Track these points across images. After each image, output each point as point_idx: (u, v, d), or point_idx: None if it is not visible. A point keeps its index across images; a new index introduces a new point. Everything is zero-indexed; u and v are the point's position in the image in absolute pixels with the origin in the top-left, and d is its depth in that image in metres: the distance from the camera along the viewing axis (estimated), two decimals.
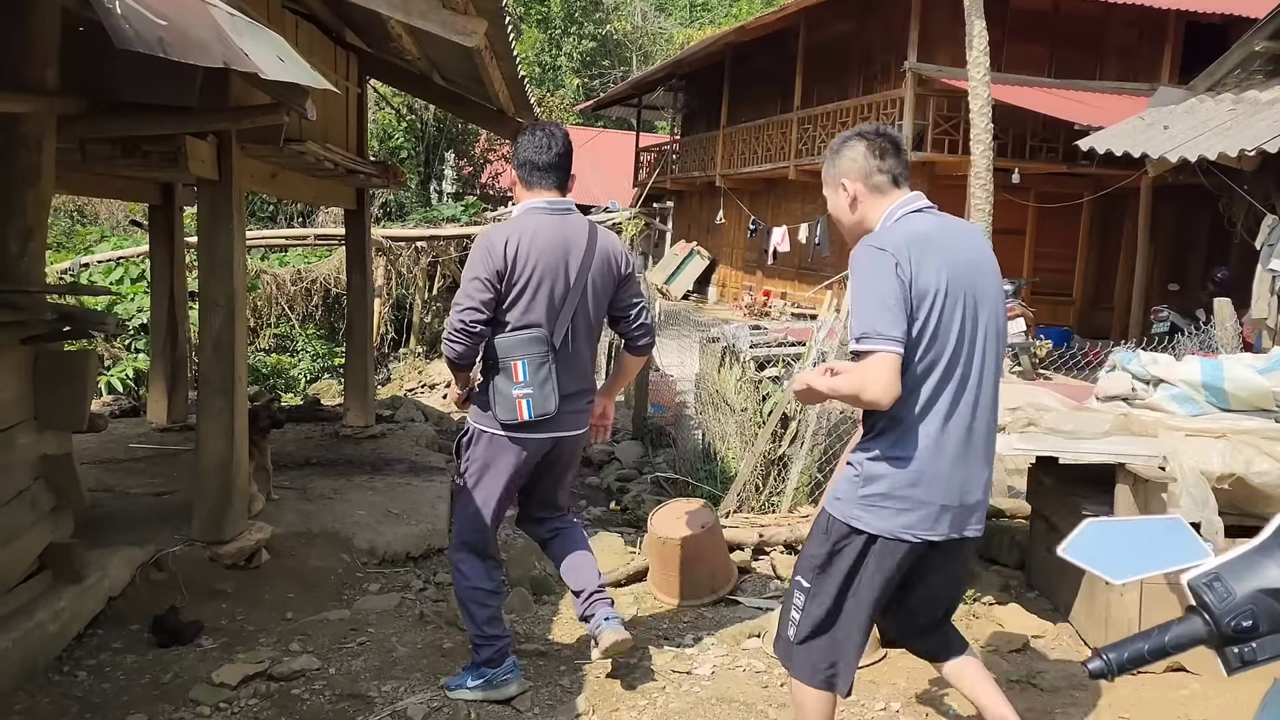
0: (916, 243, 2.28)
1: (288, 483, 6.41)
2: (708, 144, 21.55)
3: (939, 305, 2.24)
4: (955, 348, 2.28)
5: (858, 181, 2.42)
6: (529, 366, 2.96)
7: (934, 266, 2.25)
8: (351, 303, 8.07)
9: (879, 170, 2.41)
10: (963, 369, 2.29)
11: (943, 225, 2.40)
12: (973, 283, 2.32)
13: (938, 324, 2.24)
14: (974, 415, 2.32)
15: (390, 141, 17.53)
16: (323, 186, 6.85)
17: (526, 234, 2.98)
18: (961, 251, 2.33)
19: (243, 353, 5.01)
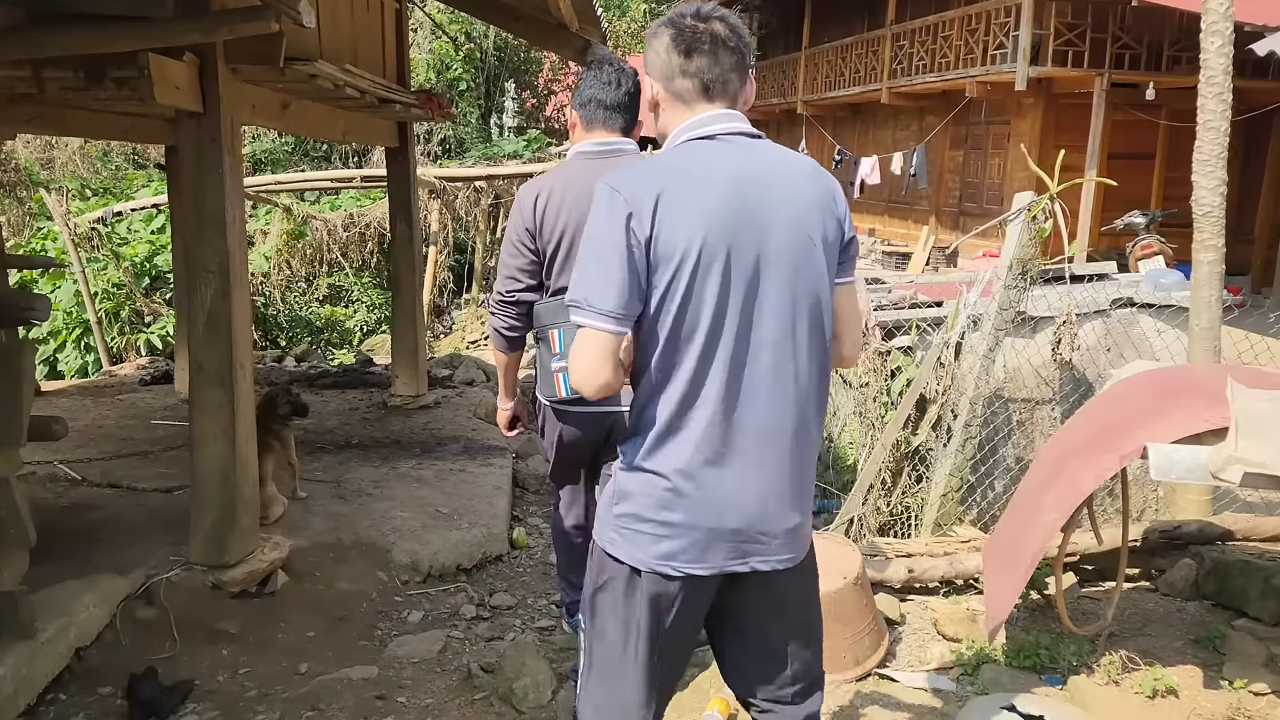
0: (673, 184, 1.70)
1: (321, 473, 5.47)
2: (787, 67, 19.93)
3: (688, 272, 1.68)
4: (718, 329, 1.72)
5: (659, 82, 1.83)
6: (565, 335, 2.58)
7: (689, 219, 1.68)
8: (396, 255, 7.04)
9: (682, 72, 1.78)
10: (734, 358, 1.73)
11: (737, 162, 1.75)
12: (760, 244, 1.72)
13: (687, 296, 1.69)
14: (763, 416, 1.77)
15: (448, 73, 16.39)
16: (353, 120, 5.77)
17: (560, 184, 2.63)
18: (750, 201, 1.72)
19: (245, 332, 4.00)
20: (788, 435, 1.77)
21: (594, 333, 1.68)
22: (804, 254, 1.74)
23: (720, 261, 1.68)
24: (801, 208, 1.75)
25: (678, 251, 1.67)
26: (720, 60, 1.76)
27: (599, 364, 1.69)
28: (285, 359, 9.41)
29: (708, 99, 1.78)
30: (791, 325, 1.74)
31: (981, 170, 14.46)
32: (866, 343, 5.20)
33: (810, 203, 1.76)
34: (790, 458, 1.78)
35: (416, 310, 7.09)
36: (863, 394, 4.98)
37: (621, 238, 1.66)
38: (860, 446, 5.08)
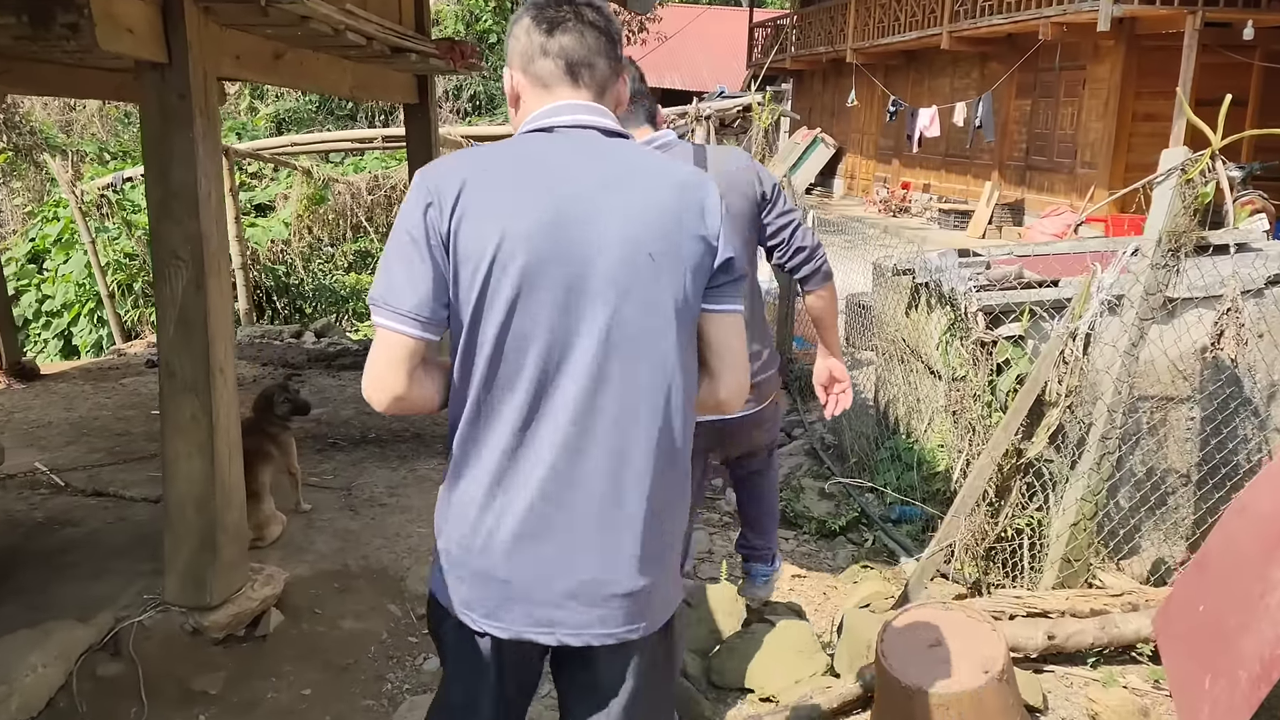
0: (479, 178, 1.47)
1: (331, 476, 4.84)
2: (836, 13, 18.82)
3: (479, 282, 1.45)
4: (512, 352, 1.47)
5: (518, 69, 1.59)
6: None
7: (486, 220, 1.44)
8: None
9: (543, 50, 1.55)
10: (532, 388, 1.48)
11: (564, 163, 1.50)
12: (571, 259, 1.45)
13: (478, 310, 1.45)
14: (564, 460, 1.49)
15: (478, 25, 15.57)
16: (363, 73, 5.04)
17: None
18: (566, 209, 1.45)
19: (224, 330, 3.32)
20: (598, 483, 1.50)
21: (388, 334, 1.49)
22: (637, 276, 1.47)
23: (515, 274, 1.45)
24: (639, 222, 1.48)
25: (472, 256, 1.45)
26: (586, 39, 1.55)
27: (390, 371, 1.49)
28: (304, 334, 8.79)
29: (572, 82, 1.56)
30: (603, 357, 1.48)
31: (1052, 120, 13.41)
32: None
33: (657, 217, 1.49)
34: (607, 512, 1.51)
35: None
36: (959, 389, 4.22)
37: (421, 229, 1.46)
38: (954, 452, 4.32)
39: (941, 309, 4.65)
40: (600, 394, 1.48)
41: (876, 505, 5.03)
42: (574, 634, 1.52)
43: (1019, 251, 4.96)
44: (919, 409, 5.08)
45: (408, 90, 5.92)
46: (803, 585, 4.36)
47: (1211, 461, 4.00)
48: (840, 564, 4.64)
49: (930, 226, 15.26)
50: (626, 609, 1.53)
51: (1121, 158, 11.91)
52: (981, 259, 4.82)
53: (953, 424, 4.39)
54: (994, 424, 3.98)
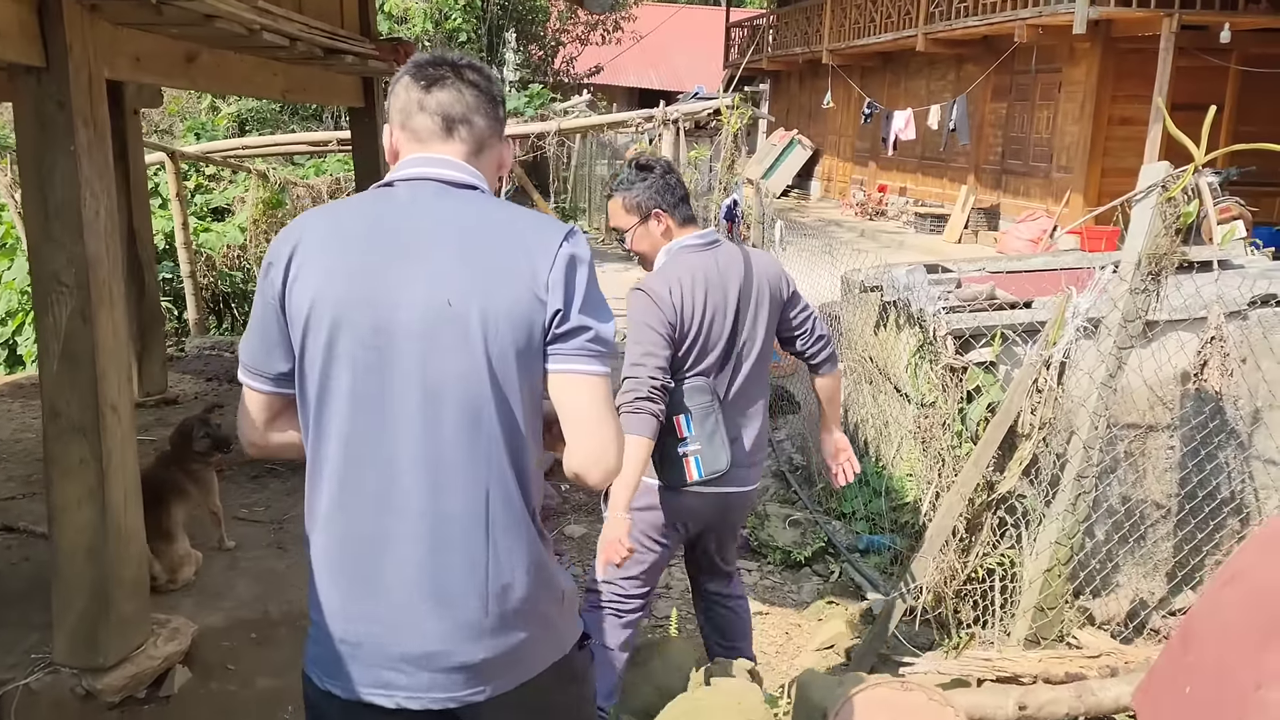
0: (311, 235, 1.49)
1: (263, 509, 4.53)
2: (812, 13, 18.60)
3: (300, 337, 1.47)
4: (331, 408, 1.47)
5: (396, 124, 1.59)
6: (694, 419, 2.66)
7: (311, 275, 1.46)
8: None
9: (420, 106, 1.55)
10: (348, 444, 1.46)
11: (392, 214, 1.49)
12: (383, 313, 1.43)
13: (303, 365, 1.48)
14: (389, 522, 1.46)
15: (447, 23, 15.22)
16: (298, 76, 4.73)
17: (687, 277, 2.66)
18: (381, 261, 1.45)
19: (117, 363, 3.01)
20: (416, 548, 1.46)
21: (244, 387, 1.58)
22: (442, 330, 1.43)
23: (324, 332, 1.45)
24: (453, 275, 1.43)
25: (298, 318, 1.47)
26: (464, 96, 1.55)
27: (246, 421, 1.58)
28: (233, 345, 8.43)
29: (446, 137, 1.54)
30: (413, 415, 1.44)
31: (1028, 124, 13.22)
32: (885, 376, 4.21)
33: (476, 269, 1.44)
34: (434, 579, 1.46)
35: None
36: (928, 416, 3.96)
37: (263, 291, 1.51)
38: (923, 482, 4.06)
39: (910, 329, 4.40)
40: (411, 454, 1.45)
41: (844, 533, 4.78)
42: (412, 698, 1.47)
43: (991, 268, 4.71)
44: (888, 433, 4.83)
45: (352, 93, 5.61)
46: (765, 623, 4.09)
47: (1192, 493, 3.76)
48: (805, 598, 4.38)
49: (906, 230, 15.06)
50: (469, 676, 1.48)
51: (1097, 162, 11.74)
52: (951, 276, 4.57)
53: (921, 452, 4.13)
54: (964, 454, 3.73)
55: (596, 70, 21.10)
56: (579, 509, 5.17)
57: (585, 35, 20.78)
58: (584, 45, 20.81)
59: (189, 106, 15.01)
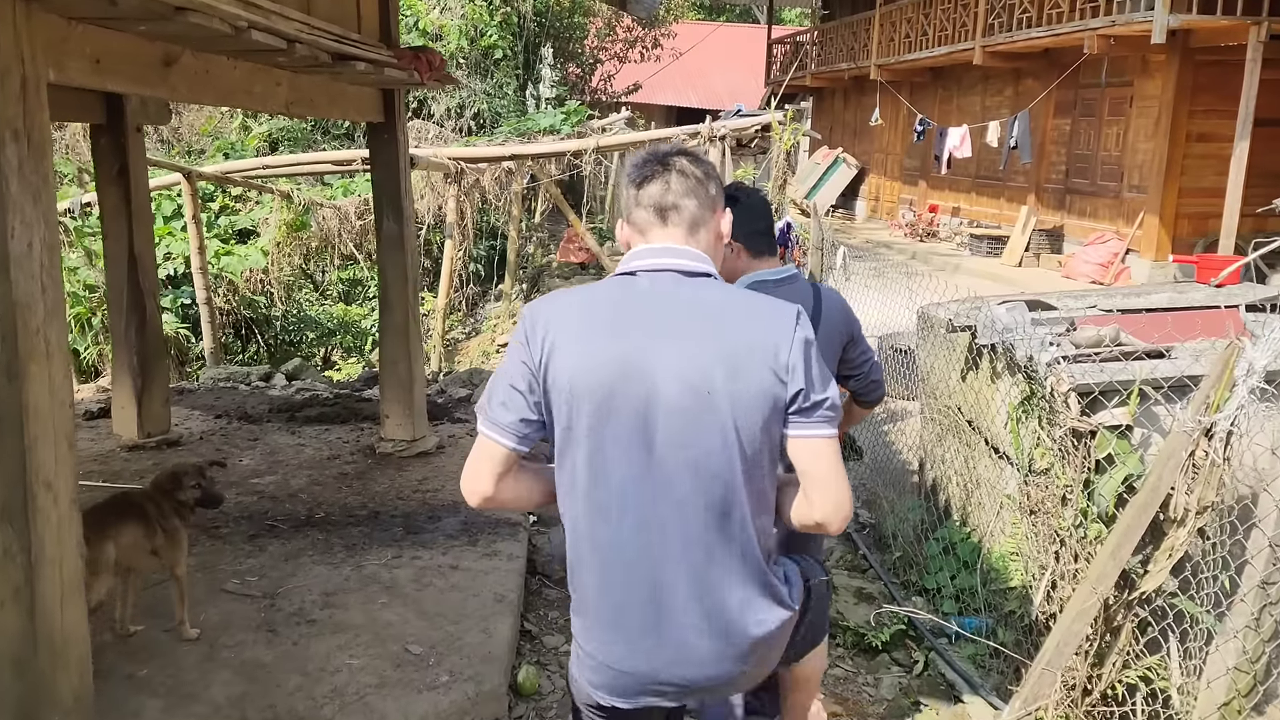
0: (567, 316, 1.72)
1: (256, 579, 3.95)
2: (859, 27, 17.96)
3: (564, 412, 1.68)
4: (590, 478, 1.69)
5: (625, 221, 1.82)
6: None
7: (572, 353, 1.67)
8: (384, 260, 5.46)
9: (637, 202, 1.78)
10: (609, 511, 1.69)
11: (637, 302, 1.71)
12: (639, 393, 1.65)
13: (565, 437, 1.70)
14: (652, 575, 1.70)
15: (483, 40, 14.79)
16: (305, 86, 4.19)
17: None
18: (632, 346, 1.66)
19: (58, 429, 2.44)
20: (684, 588, 1.70)
21: (484, 440, 1.72)
22: (697, 408, 1.64)
23: (589, 409, 1.65)
24: (703, 357, 1.65)
25: (561, 386, 1.66)
26: (672, 186, 1.74)
27: (476, 468, 1.72)
28: (274, 376, 7.93)
29: (662, 224, 1.75)
30: (666, 484, 1.66)
31: (1094, 141, 12.46)
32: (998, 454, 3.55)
33: (724, 352, 1.65)
34: (690, 622, 1.71)
35: (411, 330, 5.51)
36: (1040, 485, 3.28)
37: (518, 357, 1.69)
38: (1034, 565, 3.37)
39: (1011, 377, 3.73)
40: (670, 515, 1.66)
41: (928, 612, 4.09)
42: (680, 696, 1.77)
43: (1103, 304, 4.02)
44: (978, 496, 4.15)
45: (370, 107, 5.08)
46: None
47: None
48: (884, 694, 3.70)
49: (961, 253, 14.32)
50: (728, 685, 1.80)
51: (1174, 181, 10.95)
52: (1058, 315, 3.90)
53: (1030, 527, 3.45)
54: (1091, 537, 3.05)
55: (635, 88, 20.62)
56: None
57: (624, 53, 20.32)
58: (622, 63, 20.35)
59: (221, 125, 14.68)
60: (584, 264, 13.33)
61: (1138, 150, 11.53)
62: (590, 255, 11.89)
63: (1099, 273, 11.47)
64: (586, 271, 13.31)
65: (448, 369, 8.61)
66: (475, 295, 12.31)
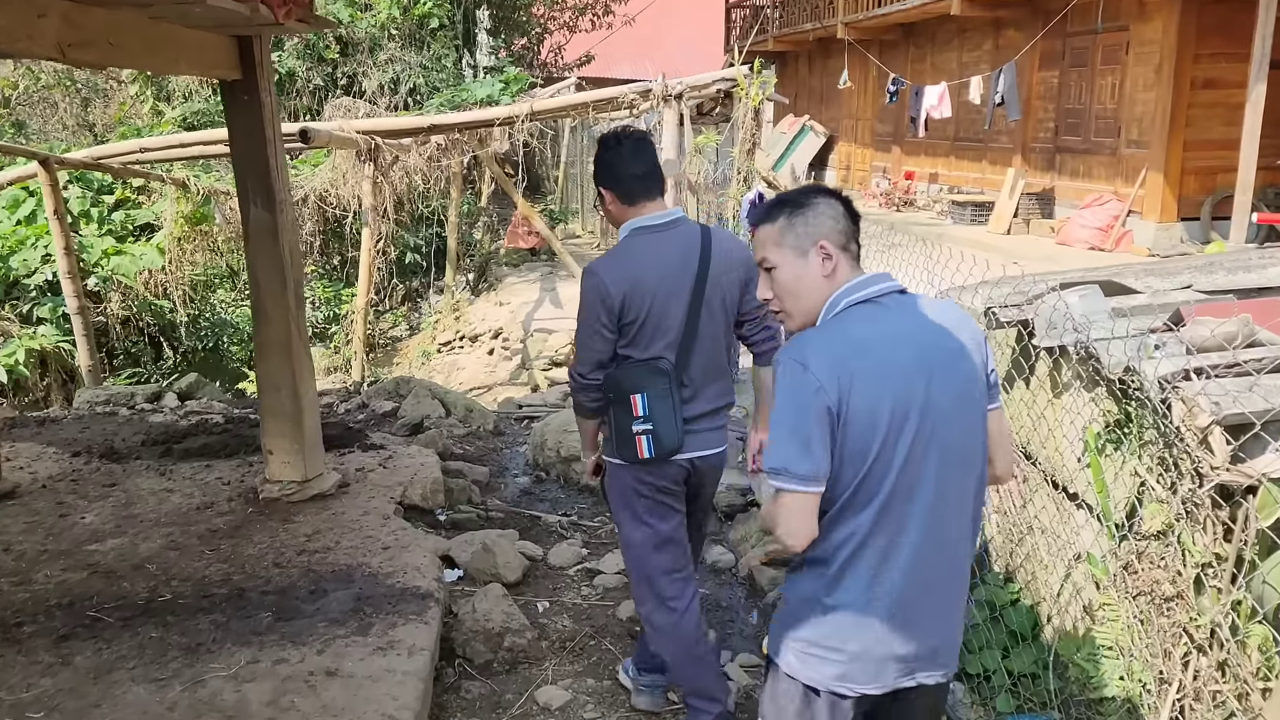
0: (856, 346, 1.93)
1: (41, 715, 2.81)
2: None
3: (883, 431, 1.91)
4: (906, 485, 1.94)
5: (836, 248, 1.95)
6: (649, 400, 2.70)
7: (872, 389, 1.88)
8: (253, 260, 4.30)
9: (828, 234, 1.95)
10: (927, 503, 1.94)
11: (903, 325, 1.94)
12: (933, 404, 1.93)
13: (878, 455, 1.89)
14: (926, 558, 1.93)
15: (417, 8, 13.50)
16: (93, 23, 3.01)
17: (637, 261, 2.68)
18: (917, 362, 1.92)
19: None
20: (955, 583, 1.97)
21: (796, 496, 1.84)
22: (968, 403, 1.90)
23: (891, 425, 1.82)
24: (963, 365, 1.91)
25: (863, 417, 1.81)
26: (841, 210, 1.92)
27: (801, 523, 1.85)
28: (164, 397, 6.74)
29: (851, 257, 1.91)
30: (944, 478, 1.88)
31: (1086, 94, 11.43)
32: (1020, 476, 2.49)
33: (972, 355, 1.93)
34: (952, 596, 1.97)
35: (295, 345, 4.37)
36: (1152, 556, 2.22)
37: (810, 404, 1.80)
38: (1148, 669, 2.32)
39: (1088, 392, 2.67)
40: (959, 510, 1.91)
41: (969, 700, 3.03)
42: (929, 676, 1.95)
43: (1201, 283, 2.95)
44: (1032, 545, 3.09)
45: (219, 59, 3.91)
46: None
47: None
48: None
49: (943, 221, 13.29)
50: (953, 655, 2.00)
51: (1179, 134, 9.95)
52: (1144, 301, 2.84)
53: (1137, 612, 2.40)
54: (1251, 640, 2.00)
55: (587, 59, 19.38)
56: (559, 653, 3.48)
57: (573, 22, 19.06)
58: (572, 32, 19.09)
59: (128, 112, 13.34)
60: (534, 249, 12.17)
61: (1136, 102, 10.53)
62: (540, 240, 10.76)
63: (1098, 238, 10.48)
64: (536, 257, 12.15)
65: (373, 377, 7.45)
66: (421, 288, 11.11)
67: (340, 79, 13.31)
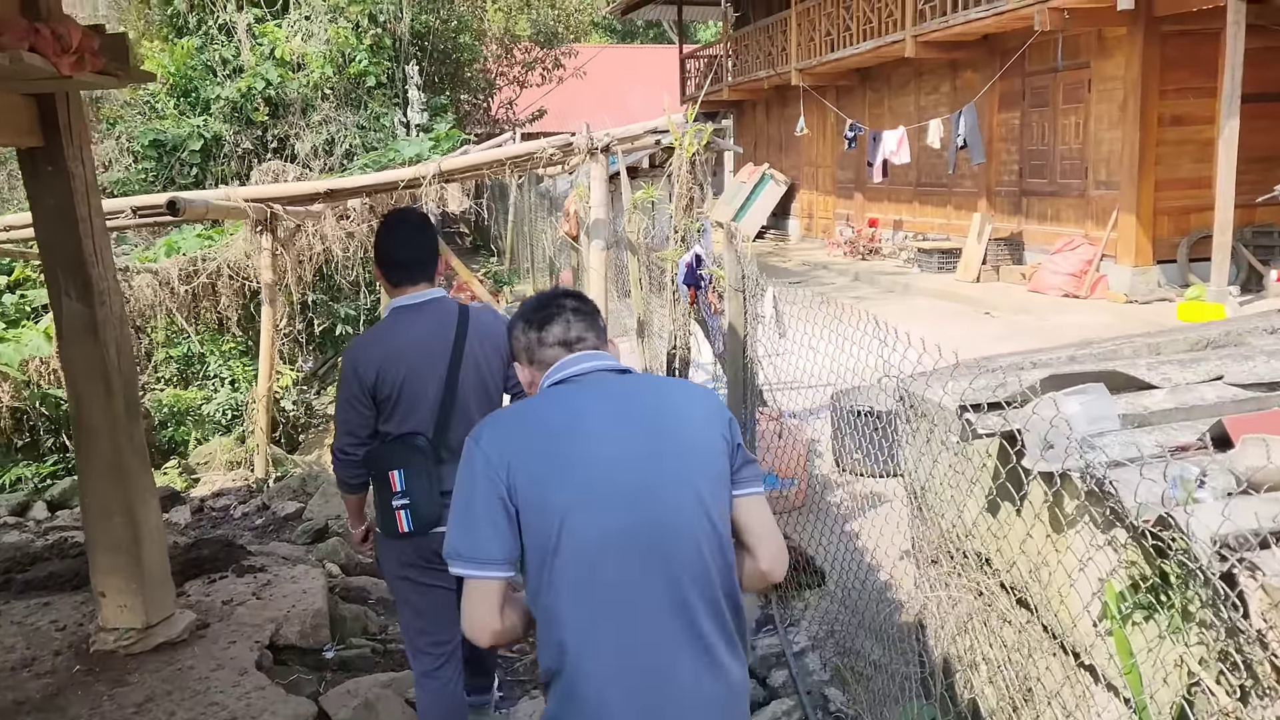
0: (523, 442, 1.90)
1: None
2: (775, 31, 16.44)
3: (554, 528, 1.85)
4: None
5: (525, 363, 2.01)
6: (406, 476, 2.78)
7: (548, 477, 1.82)
8: (69, 362, 3.54)
9: (540, 343, 1.93)
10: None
11: (598, 405, 1.85)
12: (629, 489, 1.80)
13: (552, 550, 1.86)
14: (653, 646, 1.78)
15: (352, 66, 12.89)
16: None
17: (391, 339, 2.80)
18: (610, 442, 1.79)
19: None
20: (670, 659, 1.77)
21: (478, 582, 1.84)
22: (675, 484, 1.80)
23: (577, 517, 1.77)
24: (673, 440, 1.83)
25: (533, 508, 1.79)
26: (573, 322, 1.86)
27: (485, 610, 1.78)
28: (33, 507, 5.90)
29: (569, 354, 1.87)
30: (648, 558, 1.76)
31: (1050, 134, 10.95)
32: None
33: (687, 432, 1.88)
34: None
35: (128, 462, 3.59)
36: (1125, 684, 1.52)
37: (489, 490, 1.77)
38: None
39: (1104, 532, 1.96)
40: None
41: None
42: None
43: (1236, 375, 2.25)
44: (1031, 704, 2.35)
45: (11, 125, 3.18)
46: None
47: None
48: None
49: (909, 270, 12.73)
50: None
51: (1149, 173, 9.44)
52: (1168, 403, 2.14)
53: None
54: None
55: (540, 114, 18.88)
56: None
57: (523, 76, 18.59)
58: (522, 87, 18.60)
59: None
60: None
61: (1102, 141, 10.04)
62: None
63: (1072, 284, 9.90)
64: None
65: (279, 473, 6.64)
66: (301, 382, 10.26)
67: (271, 141, 12.63)
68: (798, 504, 5.13)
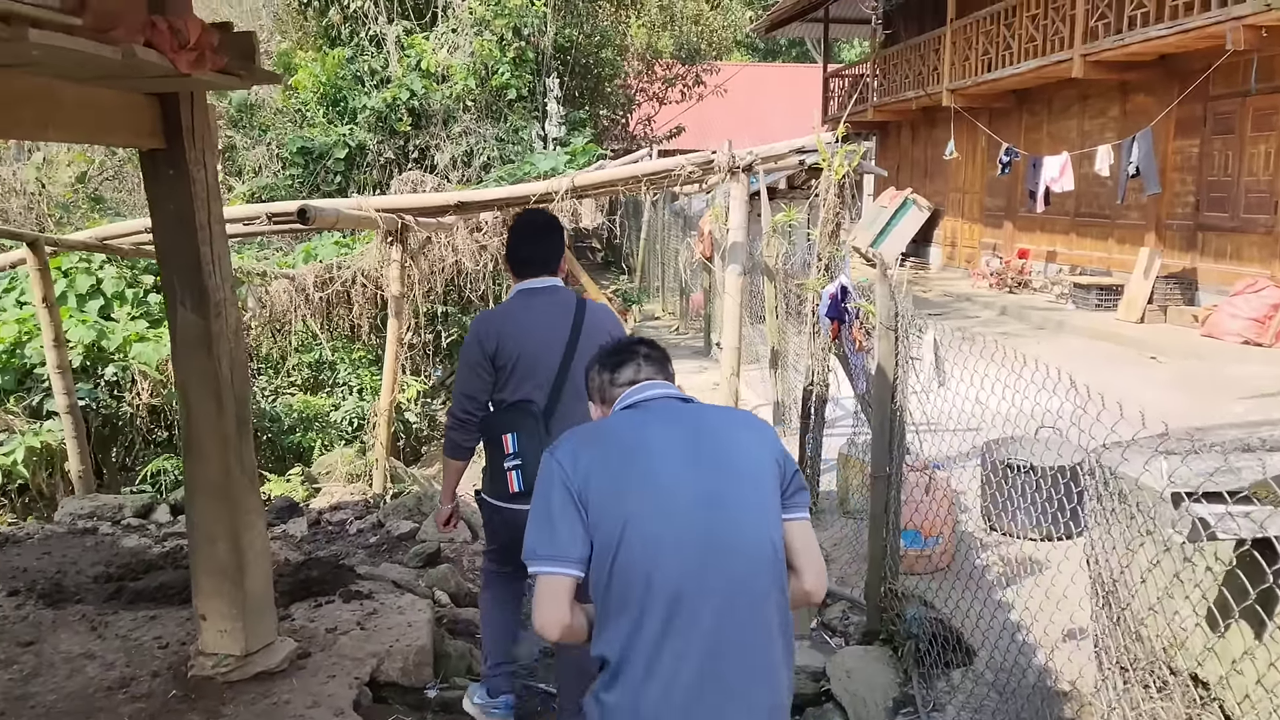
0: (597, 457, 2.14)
1: None
2: (927, 49, 15.76)
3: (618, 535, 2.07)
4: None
5: (600, 402, 2.24)
6: (519, 439, 2.99)
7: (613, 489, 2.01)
8: (182, 377, 3.41)
9: (613, 383, 2.13)
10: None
11: (664, 430, 2.06)
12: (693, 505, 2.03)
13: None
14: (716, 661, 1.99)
15: (494, 79, 12.97)
16: None
17: (514, 314, 3.06)
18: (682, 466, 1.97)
19: None
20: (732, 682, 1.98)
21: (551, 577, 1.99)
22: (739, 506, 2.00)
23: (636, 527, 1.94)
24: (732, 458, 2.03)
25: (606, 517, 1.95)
26: (643, 368, 2.05)
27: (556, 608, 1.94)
28: (156, 509, 5.93)
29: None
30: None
31: (1235, 164, 10.00)
32: None
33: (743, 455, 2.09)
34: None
35: (235, 487, 3.43)
36: None
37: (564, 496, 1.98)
38: None
39: None
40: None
41: None
42: None
43: None
44: None
45: (130, 124, 3.07)
46: None
47: None
48: None
49: (1063, 305, 11.88)
50: None
51: None
52: None
53: None
54: None
55: (677, 131, 18.68)
56: None
57: (663, 93, 18.43)
58: (661, 103, 18.44)
59: None
60: None
61: None
62: None
63: (1253, 330, 8.96)
64: None
65: (396, 489, 6.52)
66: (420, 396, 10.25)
67: (412, 151, 12.79)
68: (942, 565, 4.63)
